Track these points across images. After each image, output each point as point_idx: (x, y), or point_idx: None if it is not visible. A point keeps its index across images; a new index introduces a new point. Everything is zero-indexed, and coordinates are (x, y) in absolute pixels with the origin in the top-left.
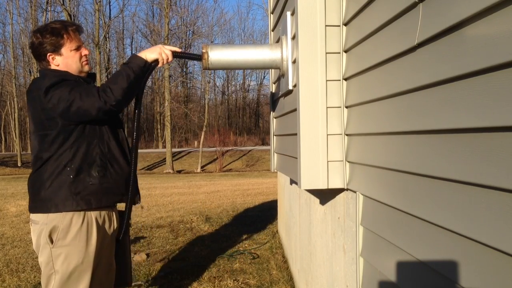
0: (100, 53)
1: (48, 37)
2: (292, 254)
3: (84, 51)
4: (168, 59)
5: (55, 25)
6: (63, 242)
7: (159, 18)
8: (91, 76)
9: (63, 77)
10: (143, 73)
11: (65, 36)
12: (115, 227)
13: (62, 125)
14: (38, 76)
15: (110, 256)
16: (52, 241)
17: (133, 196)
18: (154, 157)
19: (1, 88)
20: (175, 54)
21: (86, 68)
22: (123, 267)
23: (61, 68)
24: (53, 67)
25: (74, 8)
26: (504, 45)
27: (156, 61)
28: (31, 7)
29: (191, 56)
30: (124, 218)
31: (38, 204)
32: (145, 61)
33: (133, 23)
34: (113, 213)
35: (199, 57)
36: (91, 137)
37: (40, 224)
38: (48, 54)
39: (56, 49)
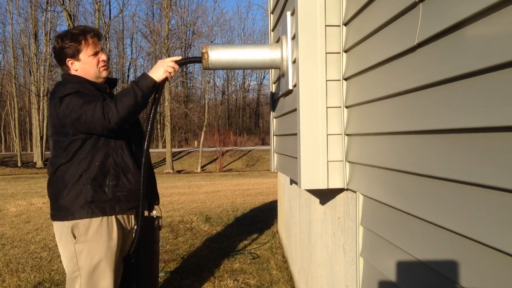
0: None
1: (67, 42)
2: (292, 254)
3: (102, 57)
4: (174, 71)
5: (75, 31)
6: (85, 237)
7: (159, 18)
8: (111, 81)
9: (78, 88)
10: (151, 93)
11: (83, 42)
12: (129, 230)
13: (73, 134)
14: (61, 80)
15: (122, 254)
16: (75, 237)
17: (145, 204)
18: (154, 157)
19: (1, 88)
20: (178, 63)
21: (103, 73)
22: (152, 279)
23: (80, 73)
24: (72, 71)
25: (74, 8)
26: (504, 45)
27: (165, 79)
28: (31, 7)
29: (192, 60)
30: (151, 221)
31: (57, 212)
32: (155, 82)
33: (133, 23)
34: (131, 217)
35: (199, 59)
36: (105, 147)
37: (62, 223)
38: (67, 59)
39: (75, 55)
